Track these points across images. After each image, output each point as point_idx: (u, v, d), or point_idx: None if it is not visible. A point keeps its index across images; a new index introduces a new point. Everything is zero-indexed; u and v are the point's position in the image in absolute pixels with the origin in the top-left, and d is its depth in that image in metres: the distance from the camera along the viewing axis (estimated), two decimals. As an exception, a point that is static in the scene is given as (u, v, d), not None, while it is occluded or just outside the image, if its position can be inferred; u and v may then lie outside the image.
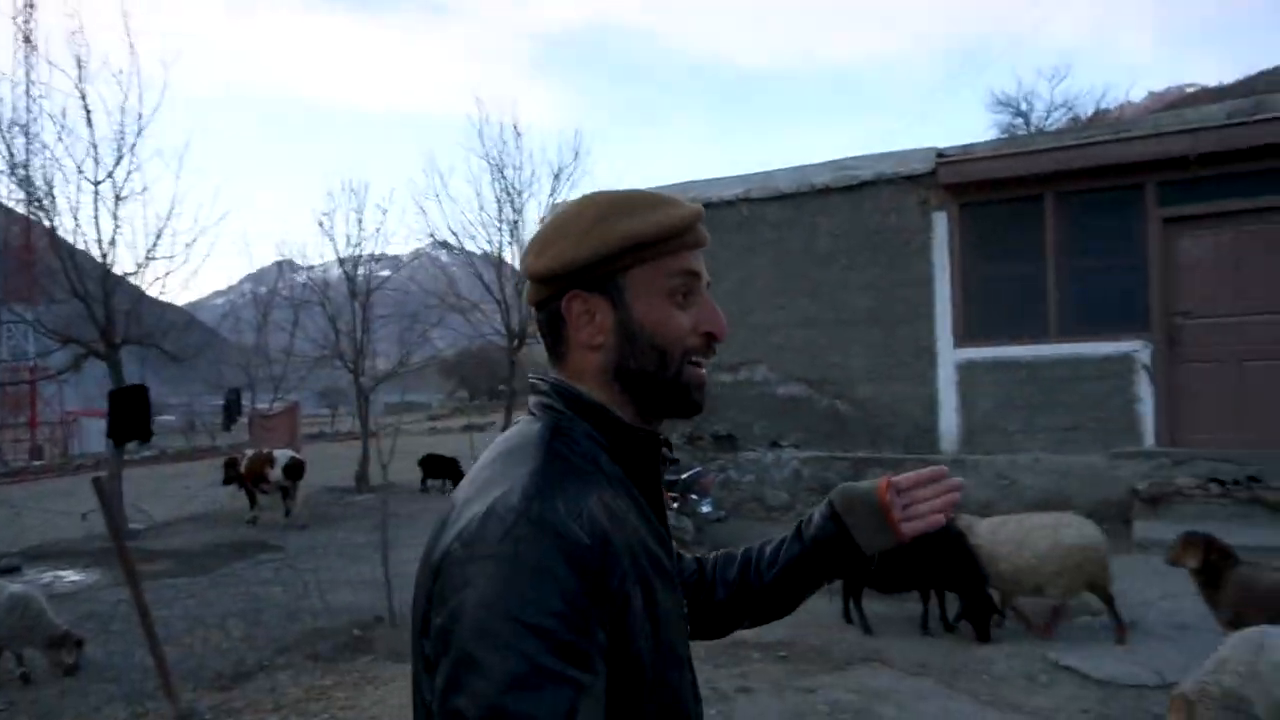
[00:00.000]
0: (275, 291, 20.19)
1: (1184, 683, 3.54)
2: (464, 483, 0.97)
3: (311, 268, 16.94)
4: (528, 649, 0.77)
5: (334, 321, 14.66)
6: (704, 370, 1.03)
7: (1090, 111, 24.74)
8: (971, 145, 8.72)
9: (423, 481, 15.19)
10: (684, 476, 8.49)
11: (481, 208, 15.75)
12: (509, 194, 15.27)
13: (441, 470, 15.19)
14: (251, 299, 25.72)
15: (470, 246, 15.88)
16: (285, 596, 7.07)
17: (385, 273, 16.26)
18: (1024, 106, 24.69)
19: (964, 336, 8.75)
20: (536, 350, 14.36)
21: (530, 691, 0.76)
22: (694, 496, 8.30)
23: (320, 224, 16.34)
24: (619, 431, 0.98)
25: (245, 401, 20.82)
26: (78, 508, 13.04)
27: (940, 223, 8.83)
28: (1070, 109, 24.67)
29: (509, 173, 14.96)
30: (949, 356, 8.77)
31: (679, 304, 1.00)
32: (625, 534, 0.89)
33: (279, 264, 20.46)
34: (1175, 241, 7.99)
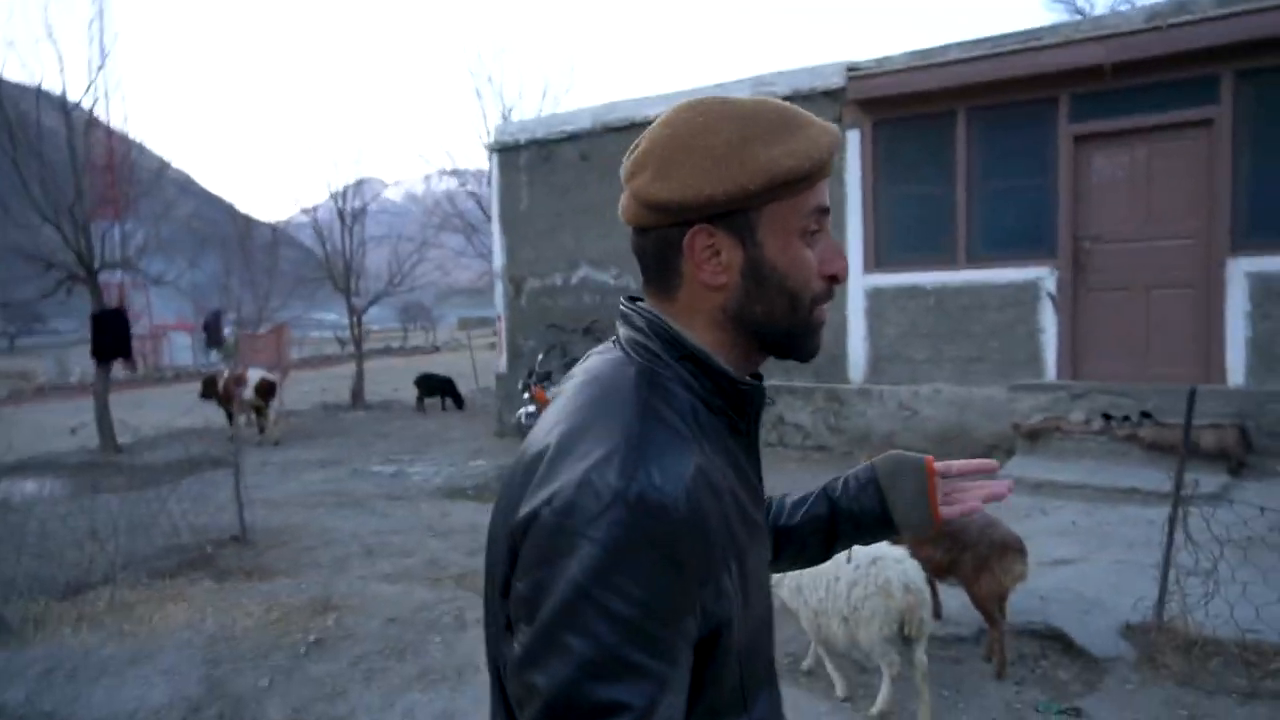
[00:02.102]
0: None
1: None
2: (549, 422, 0.91)
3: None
4: (611, 638, 0.76)
5: (324, 242, 15.04)
6: (827, 310, 0.97)
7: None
8: (886, 58, 8.20)
9: (419, 400, 15.71)
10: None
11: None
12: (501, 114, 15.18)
13: (437, 389, 15.67)
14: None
15: (465, 165, 15.92)
16: (180, 510, 7.56)
17: (380, 194, 16.51)
18: (1082, 2, 22.67)
19: (873, 262, 8.44)
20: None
21: (608, 681, 0.75)
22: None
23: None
24: (718, 384, 0.92)
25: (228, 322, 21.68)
26: (152, 417, 14.11)
27: (853, 141, 8.42)
28: (1134, 2, 22.42)
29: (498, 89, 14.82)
30: (858, 283, 8.49)
31: (808, 242, 0.92)
32: (722, 504, 0.85)
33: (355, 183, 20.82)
34: (1087, 160, 7.44)
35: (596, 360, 0.96)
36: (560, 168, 10.38)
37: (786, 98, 7.98)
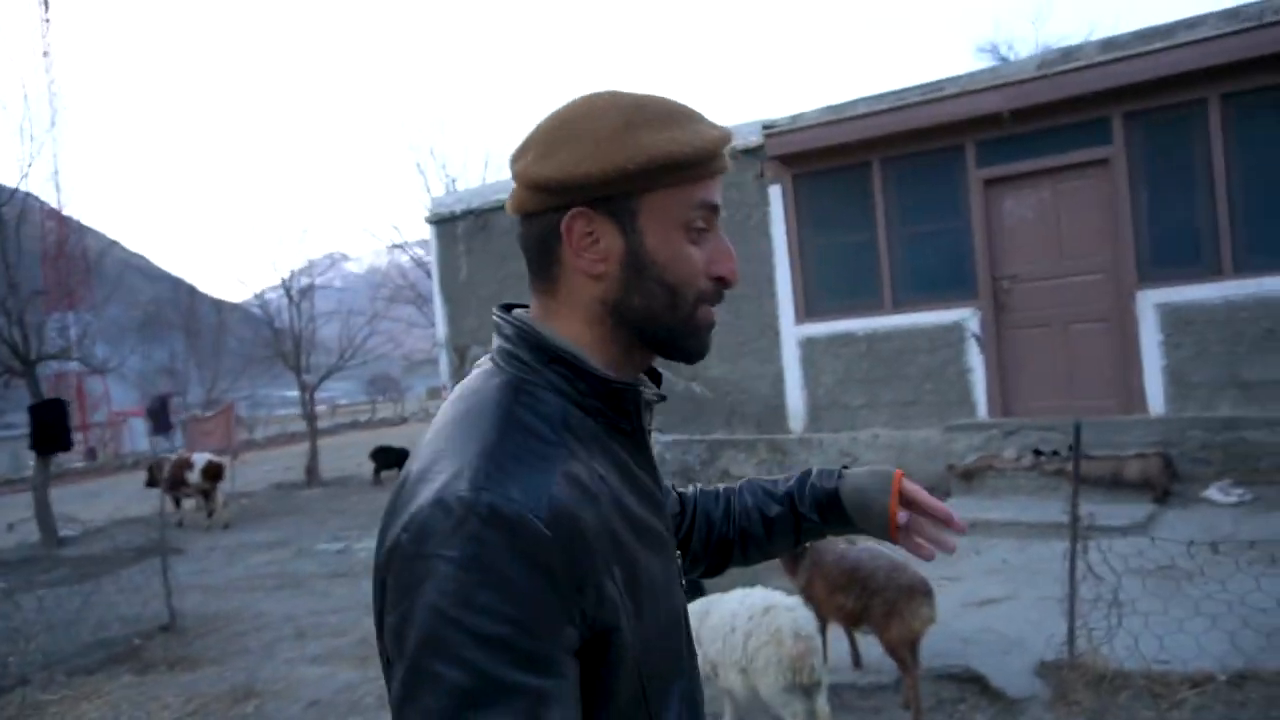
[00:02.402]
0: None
1: None
2: (419, 449, 0.88)
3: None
4: (481, 661, 0.72)
5: (271, 322, 14.98)
6: (714, 312, 0.94)
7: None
8: (800, 115, 8.47)
9: (375, 473, 15.50)
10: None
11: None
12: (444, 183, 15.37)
13: (394, 461, 15.48)
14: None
15: (412, 237, 16.05)
16: (111, 603, 7.35)
17: (340, 266, 16.57)
18: (1005, 51, 23.67)
19: (804, 312, 8.58)
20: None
21: (485, 708, 0.71)
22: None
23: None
24: (592, 385, 0.88)
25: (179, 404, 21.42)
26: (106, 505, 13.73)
27: (775, 196, 8.63)
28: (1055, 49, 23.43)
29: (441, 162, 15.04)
30: (791, 333, 8.62)
31: (694, 239, 0.89)
32: (600, 508, 0.82)
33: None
34: (998, 203, 7.68)
35: (470, 376, 0.94)
36: (496, 235, 10.50)
37: None
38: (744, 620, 3.53)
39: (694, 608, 3.85)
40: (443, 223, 11.02)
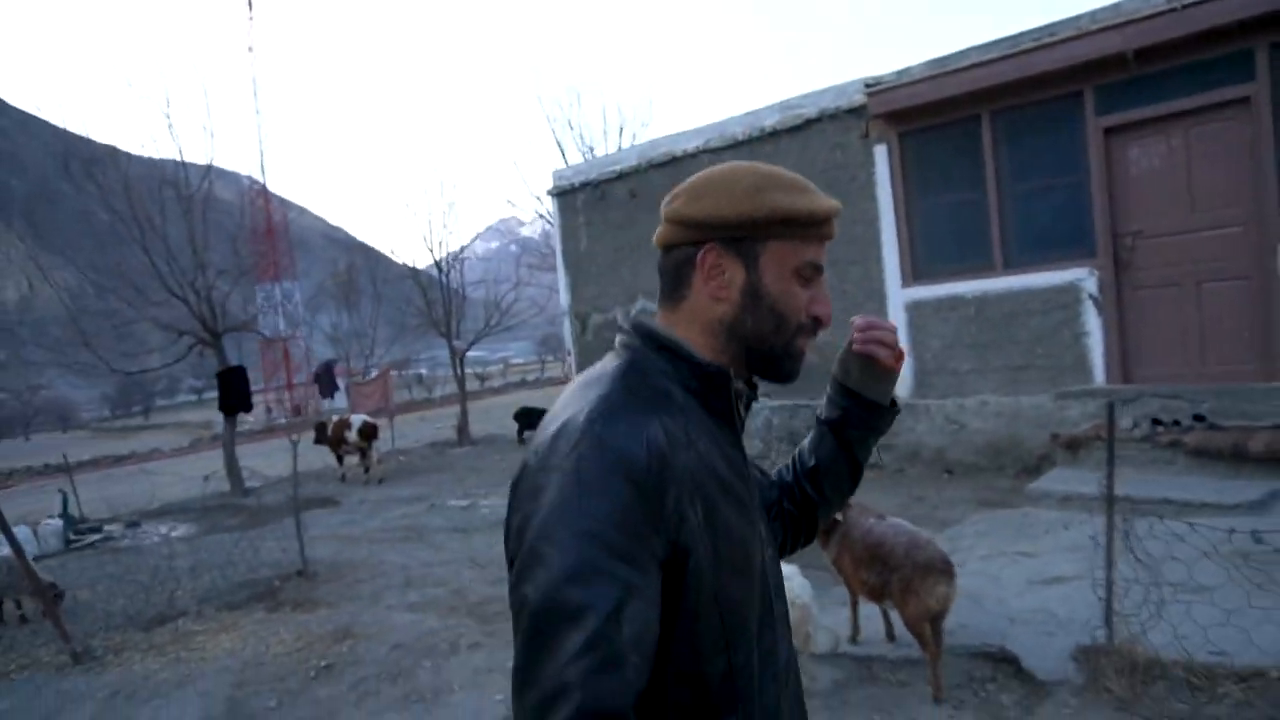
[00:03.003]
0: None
1: None
2: (550, 410, 1.10)
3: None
4: (584, 549, 0.89)
5: (425, 291, 16.06)
6: (808, 345, 1.14)
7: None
8: (905, 70, 8.09)
9: (519, 434, 16.39)
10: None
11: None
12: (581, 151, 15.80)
13: (535, 422, 16.31)
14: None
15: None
16: (272, 547, 8.32)
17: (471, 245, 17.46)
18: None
19: (911, 275, 8.28)
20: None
21: (583, 585, 0.88)
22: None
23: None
24: (691, 368, 1.07)
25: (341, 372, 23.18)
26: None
27: (881, 156, 8.32)
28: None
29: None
30: (898, 297, 8.35)
31: (801, 284, 1.10)
32: (688, 457, 0.98)
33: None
34: (1121, 153, 7.06)
35: (598, 363, 1.13)
36: (613, 206, 10.75)
37: (814, 118, 8.05)
38: None
39: None
40: (563, 194, 11.39)
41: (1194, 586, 3.91)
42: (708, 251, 1.08)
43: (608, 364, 1.09)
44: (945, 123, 7.90)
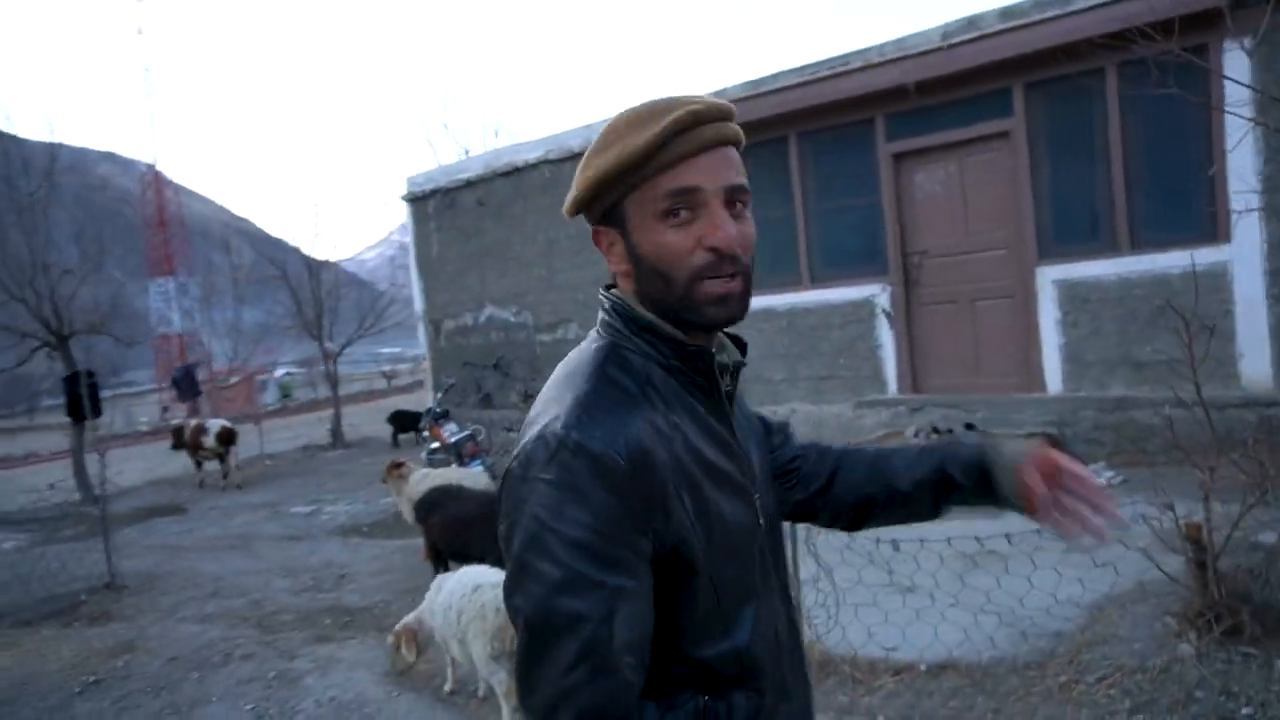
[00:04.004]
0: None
1: (404, 618, 4.03)
2: (536, 400, 1.08)
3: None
4: (570, 558, 0.91)
5: (295, 294, 15.84)
6: (727, 282, 1.02)
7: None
8: (723, 90, 8.46)
9: (394, 436, 16.33)
10: (451, 440, 9.02)
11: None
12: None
13: (410, 425, 16.27)
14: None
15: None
16: (92, 559, 8.18)
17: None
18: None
19: (730, 288, 8.66)
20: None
21: (573, 594, 0.91)
22: (465, 459, 8.82)
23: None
24: (672, 349, 1.04)
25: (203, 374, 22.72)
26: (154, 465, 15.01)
27: (702, 173, 8.67)
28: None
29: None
30: (718, 309, 8.71)
31: (675, 224, 1.00)
32: (671, 447, 0.98)
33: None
34: (908, 177, 7.57)
35: (581, 344, 1.12)
36: (462, 213, 10.87)
37: None
38: (458, 598, 3.87)
39: (437, 579, 4.23)
40: (416, 201, 11.46)
41: (866, 589, 4.30)
42: (596, 233, 1.08)
43: (587, 350, 1.07)
44: (759, 142, 8.27)
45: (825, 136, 7.94)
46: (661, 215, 0.99)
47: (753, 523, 1.08)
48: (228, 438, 12.87)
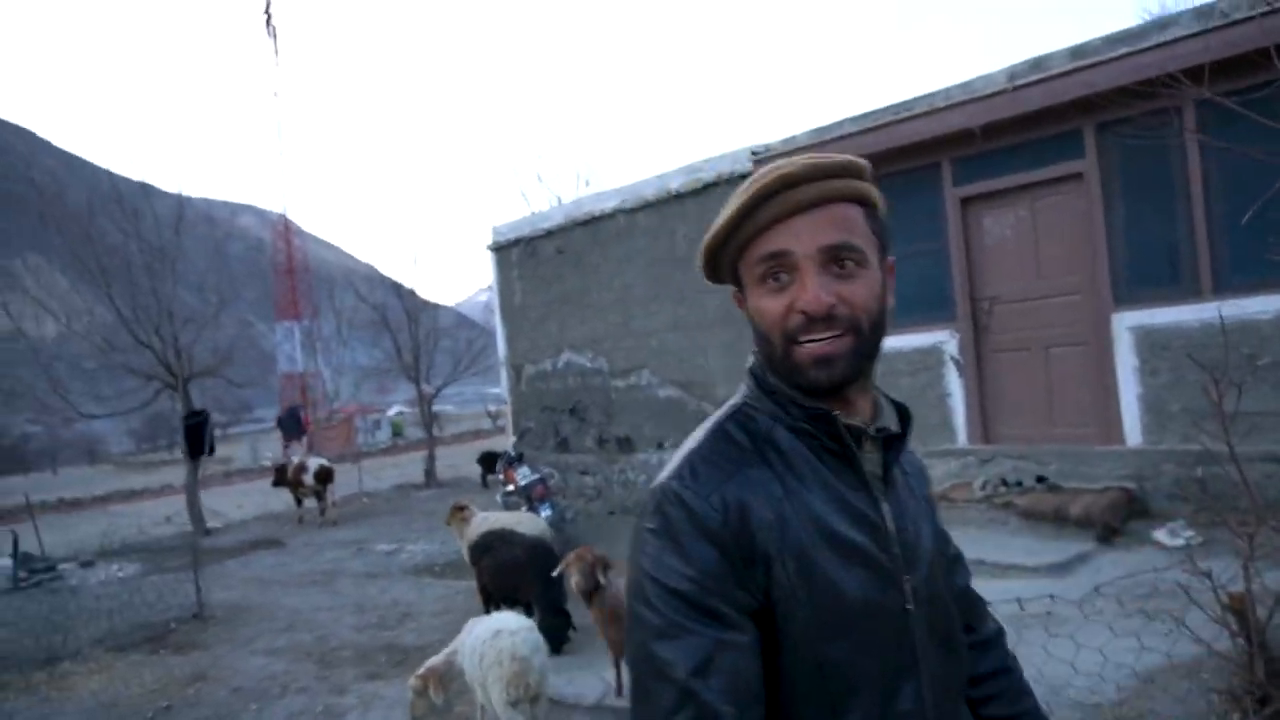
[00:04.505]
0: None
1: (430, 660, 4.14)
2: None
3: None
4: (666, 607, 0.94)
5: (395, 338, 16.60)
6: (830, 343, 1.00)
7: None
8: (791, 138, 8.49)
9: (483, 477, 16.75)
10: (522, 484, 9.20)
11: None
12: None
13: (495, 464, 16.67)
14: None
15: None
16: (187, 590, 8.70)
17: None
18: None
19: (797, 334, 8.59)
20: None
21: (670, 641, 0.93)
22: (534, 502, 8.99)
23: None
24: (799, 410, 1.03)
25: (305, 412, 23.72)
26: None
27: (769, 220, 8.69)
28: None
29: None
30: (786, 355, 8.65)
31: (774, 289, 1.02)
32: (779, 510, 0.97)
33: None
34: (976, 221, 7.37)
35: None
36: (543, 262, 11.21)
37: (712, 182, 8.50)
38: (481, 642, 3.98)
39: (470, 621, 4.35)
40: (500, 250, 11.89)
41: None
42: (732, 295, 1.11)
43: (723, 407, 1.11)
44: (824, 190, 8.26)
45: (892, 181, 7.81)
46: (760, 280, 1.02)
47: (885, 603, 1.01)
48: (325, 476, 13.53)
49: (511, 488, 10.03)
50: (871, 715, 0.98)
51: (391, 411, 45.16)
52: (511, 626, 3.95)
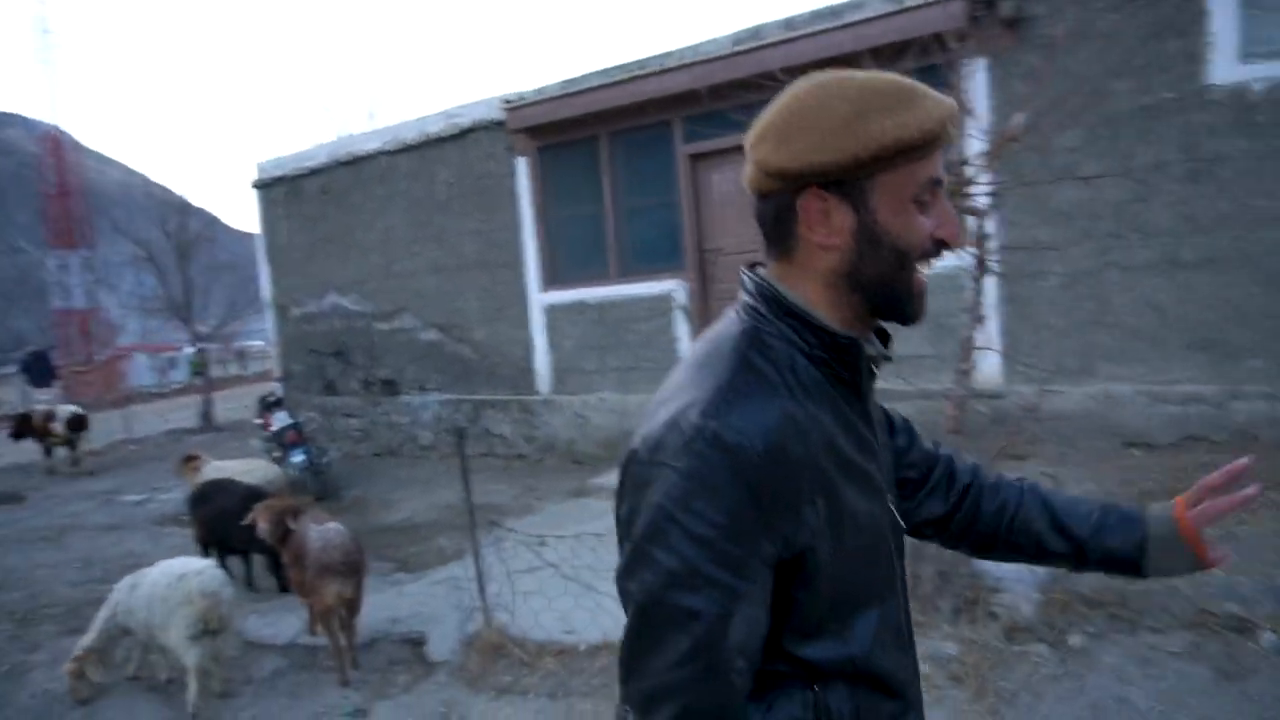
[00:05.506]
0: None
1: (82, 641, 4.17)
2: (666, 382, 1.03)
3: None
4: (690, 553, 0.87)
5: (160, 272, 15.55)
6: (923, 276, 1.00)
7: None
8: (543, 88, 8.65)
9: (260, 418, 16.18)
10: (275, 429, 9.11)
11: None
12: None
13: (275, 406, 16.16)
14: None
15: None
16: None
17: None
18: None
19: (548, 280, 8.90)
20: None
21: (687, 590, 0.88)
22: (287, 447, 8.92)
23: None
24: (819, 338, 0.98)
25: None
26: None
27: (521, 168, 8.87)
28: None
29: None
30: (538, 300, 8.96)
31: (922, 209, 0.97)
32: (809, 444, 0.93)
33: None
34: (704, 177, 7.88)
35: (718, 324, 1.06)
36: (307, 201, 10.87)
37: (469, 128, 8.48)
38: (162, 588, 4.07)
39: (124, 581, 4.38)
40: (264, 187, 11.39)
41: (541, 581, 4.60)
42: (809, 198, 0.97)
43: (727, 332, 1.01)
44: (573, 140, 8.51)
45: (631, 136, 8.20)
46: (911, 198, 0.96)
47: (885, 526, 1.04)
48: (78, 424, 12.68)
49: (268, 433, 9.87)
50: (874, 628, 1.01)
51: (190, 349, 42.30)
52: (196, 568, 4.08)
